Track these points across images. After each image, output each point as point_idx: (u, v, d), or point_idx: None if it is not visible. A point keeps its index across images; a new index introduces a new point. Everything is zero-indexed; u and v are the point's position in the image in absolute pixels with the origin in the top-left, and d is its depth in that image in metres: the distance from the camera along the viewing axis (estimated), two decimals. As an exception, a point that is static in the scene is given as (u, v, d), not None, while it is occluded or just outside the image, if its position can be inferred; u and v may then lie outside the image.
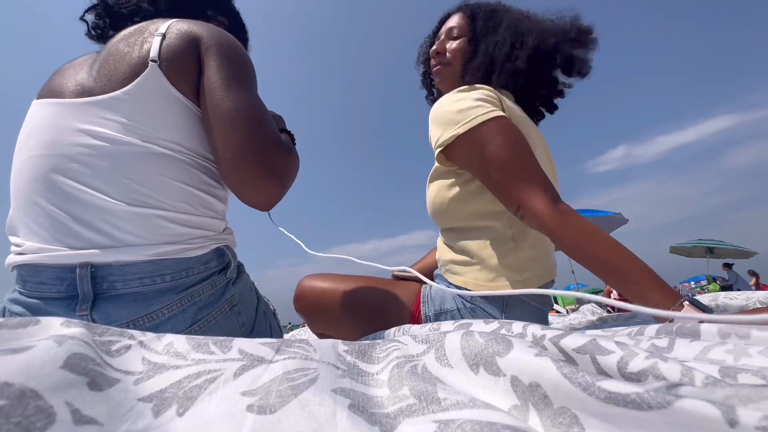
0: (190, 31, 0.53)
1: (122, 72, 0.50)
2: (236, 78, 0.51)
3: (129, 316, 0.47)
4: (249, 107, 0.50)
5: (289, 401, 0.19)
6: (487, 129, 0.61)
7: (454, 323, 0.46)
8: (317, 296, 0.78)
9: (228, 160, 0.49)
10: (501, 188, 0.61)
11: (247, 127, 0.48)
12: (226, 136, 0.49)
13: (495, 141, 0.61)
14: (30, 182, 0.49)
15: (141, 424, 0.17)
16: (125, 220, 0.48)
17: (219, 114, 0.49)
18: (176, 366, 0.21)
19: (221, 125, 0.49)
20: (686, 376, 0.21)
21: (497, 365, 0.24)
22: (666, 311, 0.42)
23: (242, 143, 0.48)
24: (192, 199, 0.53)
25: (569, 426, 0.19)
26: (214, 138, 0.50)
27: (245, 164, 0.48)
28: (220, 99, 0.50)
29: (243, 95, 0.50)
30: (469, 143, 0.63)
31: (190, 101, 0.52)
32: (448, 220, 0.74)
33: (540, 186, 0.58)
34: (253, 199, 0.52)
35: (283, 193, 0.53)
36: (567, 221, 0.54)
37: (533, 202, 0.57)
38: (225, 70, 0.51)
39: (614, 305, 0.45)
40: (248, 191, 0.51)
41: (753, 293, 0.74)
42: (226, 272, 0.57)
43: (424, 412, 0.20)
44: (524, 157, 0.61)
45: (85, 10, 0.61)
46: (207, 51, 0.52)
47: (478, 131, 0.62)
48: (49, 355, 0.17)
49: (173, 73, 0.50)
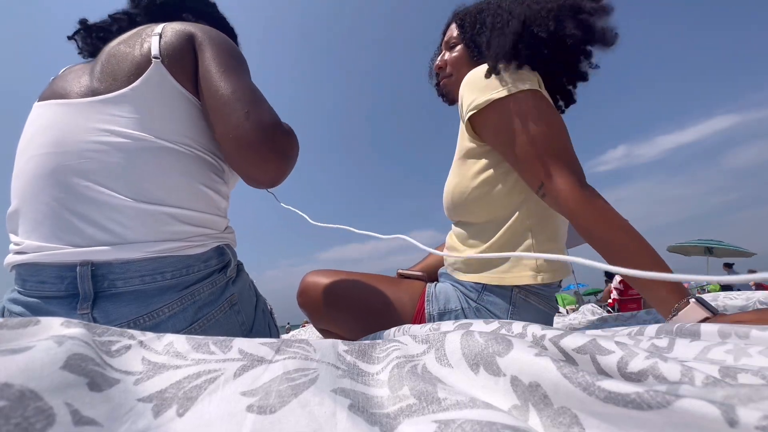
0: (184, 29, 0.55)
1: (126, 70, 0.52)
2: (230, 66, 0.53)
3: (130, 314, 0.47)
4: (245, 89, 0.52)
5: (289, 401, 0.19)
6: (525, 98, 0.60)
7: (454, 323, 0.46)
8: (321, 292, 0.78)
9: (230, 140, 0.50)
10: (528, 161, 0.59)
11: (245, 107, 0.50)
12: (226, 116, 0.50)
13: (532, 112, 0.60)
14: (34, 179, 0.49)
15: (141, 424, 0.17)
16: (130, 217, 0.48)
17: (218, 98, 0.51)
18: (176, 366, 0.21)
19: (221, 108, 0.51)
20: (686, 376, 0.21)
21: (497, 365, 0.24)
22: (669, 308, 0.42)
23: (242, 122, 0.49)
24: (197, 195, 0.54)
25: (569, 426, 0.19)
26: (215, 122, 0.52)
27: (246, 142, 0.49)
28: (217, 85, 0.51)
29: (238, 79, 0.52)
30: (503, 110, 0.61)
31: (191, 94, 0.54)
32: (466, 213, 0.73)
33: (570, 165, 0.57)
34: (258, 176, 0.53)
35: (288, 169, 0.54)
36: (591, 203, 0.53)
37: (560, 180, 0.56)
38: (219, 59, 0.53)
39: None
40: (253, 169, 0.52)
41: (753, 293, 0.74)
42: (226, 271, 0.57)
43: (424, 412, 0.20)
44: (558, 134, 0.60)
45: (70, 36, 0.66)
46: (201, 45, 0.54)
47: (516, 99, 0.60)
48: (48, 356, 0.17)
49: (174, 69, 0.53)
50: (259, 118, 0.50)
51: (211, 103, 0.52)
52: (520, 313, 0.67)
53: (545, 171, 0.58)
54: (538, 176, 0.59)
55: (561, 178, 0.56)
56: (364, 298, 0.75)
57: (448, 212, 0.78)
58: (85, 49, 0.65)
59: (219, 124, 0.51)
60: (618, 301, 4.04)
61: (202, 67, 0.53)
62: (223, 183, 0.60)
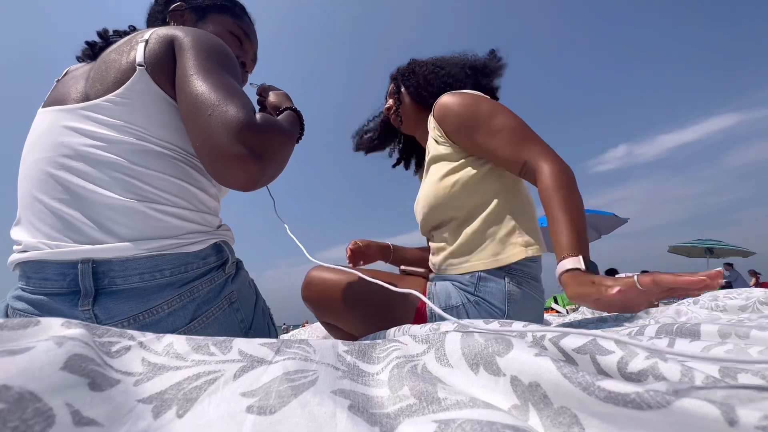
0: (167, 34, 0.55)
1: (113, 77, 0.53)
2: (204, 68, 0.51)
3: (130, 311, 0.48)
4: (209, 91, 0.48)
5: (289, 402, 0.19)
6: (491, 102, 0.75)
7: (454, 323, 0.46)
8: (324, 286, 0.79)
9: (198, 147, 0.48)
10: (511, 146, 0.71)
11: (207, 110, 0.47)
12: (193, 123, 0.48)
13: (503, 111, 0.74)
14: (34, 182, 0.51)
15: (141, 425, 0.17)
16: (125, 215, 0.49)
17: (185, 105, 0.50)
18: (176, 367, 0.21)
19: (188, 115, 0.50)
20: (686, 376, 0.21)
21: (497, 365, 0.24)
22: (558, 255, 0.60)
23: (205, 127, 0.46)
24: (185, 193, 0.55)
25: (569, 426, 0.19)
26: (186, 127, 0.51)
27: (212, 147, 0.46)
28: (188, 89, 0.50)
29: (205, 80, 0.49)
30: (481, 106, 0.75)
31: (174, 101, 0.54)
32: (449, 209, 0.78)
33: (546, 145, 0.71)
34: (229, 180, 0.48)
35: (267, 170, 0.48)
36: (568, 172, 0.67)
37: (545, 157, 0.68)
38: (193, 61, 0.52)
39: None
40: (223, 173, 0.48)
41: (752, 292, 0.74)
42: (224, 268, 0.58)
43: (425, 412, 0.20)
44: (527, 126, 0.73)
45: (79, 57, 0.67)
46: (179, 49, 0.54)
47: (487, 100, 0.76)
48: (48, 357, 0.17)
49: (157, 76, 0.53)
50: (222, 118, 0.46)
51: (182, 109, 0.51)
52: (517, 301, 0.71)
53: (530, 151, 0.70)
54: (522, 157, 0.70)
55: (546, 155, 0.69)
56: (367, 294, 0.76)
57: (431, 216, 0.82)
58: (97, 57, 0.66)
59: (189, 129, 0.50)
60: (618, 301, 4.04)
61: (177, 72, 0.53)
62: (211, 185, 0.61)
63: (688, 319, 0.73)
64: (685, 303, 0.83)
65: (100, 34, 0.66)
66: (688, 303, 0.82)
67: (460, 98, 0.76)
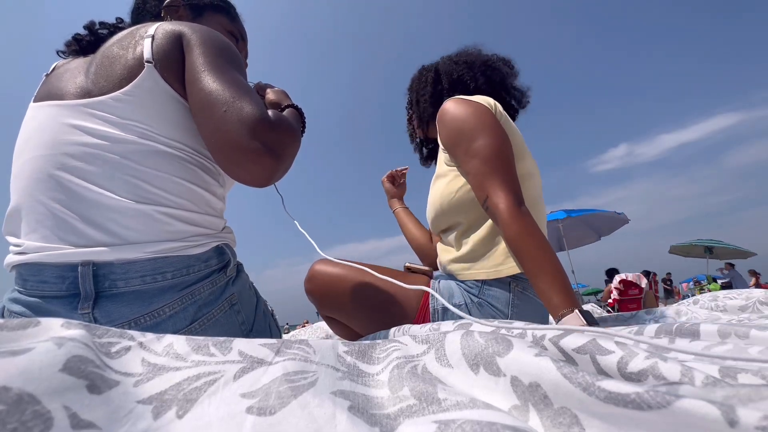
0: (174, 30, 0.54)
1: (119, 74, 0.51)
2: (214, 64, 0.51)
3: (131, 314, 0.47)
4: (223, 88, 0.49)
5: (289, 402, 0.18)
6: (483, 120, 0.72)
7: (454, 323, 0.46)
8: (328, 280, 0.79)
9: (213, 143, 0.48)
10: (479, 177, 0.69)
11: (222, 107, 0.47)
12: (206, 120, 0.48)
13: (489, 134, 0.70)
14: (32, 181, 0.49)
15: (141, 426, 0.17)
16: (129, 217, 0.48)
17: (198, 101, 0.49)
18: (176, 368, 0.21)
19: (201, 112, 0.49)
20: (686, 376, 0.21)
21: (497, 365, 0.24)
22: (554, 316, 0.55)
23: (220, 123, 0.47)
24: (192, 195, 0.54)
25: (569, 426, 0.19)
26: (199, 124, 0.51)
27: (228, 143, 0.47)
28: (199, 86, 0.50)
29: (217, 77, 0.50)
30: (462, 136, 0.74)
31: (183, 98, 0.53)
32: (457, 214, 0.77)
33: (512, 186, 0.67)
34: (245, 176, 0.49)
35: (280, 166, 0.49)
36: (521, 220, 0.63)
37: (501, 197, 0.65)
38: (201, 58, 0.51)
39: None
40: (238, 169, 0.49)
41: (752, 293, 0.74)
42: (225, 271, 0.57)
43: (425, 413, 0.20)
44: (505, 159, 0.70)
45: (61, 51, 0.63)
46: (188, 46, 0.53)
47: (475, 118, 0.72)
48: (48, 358, 0.17)
49: (166, 72, 0.52)
50: (238, 114, 0.46)
51: (194, 105, 0.50)
52: (520, 305, 0.70)
53: (490, 187, 0.67)
54: (484, 192, 0.68)
55: (504, 195, 0.65)
56: (370, 290, 0.76)
57: (438, 220, 0.82)
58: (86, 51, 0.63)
59: (202, 128, 0.50)
60: (618, 301, 4.05)
61: (187, 69, 0.52)
62: (218, 185, 0.60)
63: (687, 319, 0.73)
64: (685, 303, 0.83)
65: (88, 28, 0.63)
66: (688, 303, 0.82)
67: (454, 109, 0.75)
